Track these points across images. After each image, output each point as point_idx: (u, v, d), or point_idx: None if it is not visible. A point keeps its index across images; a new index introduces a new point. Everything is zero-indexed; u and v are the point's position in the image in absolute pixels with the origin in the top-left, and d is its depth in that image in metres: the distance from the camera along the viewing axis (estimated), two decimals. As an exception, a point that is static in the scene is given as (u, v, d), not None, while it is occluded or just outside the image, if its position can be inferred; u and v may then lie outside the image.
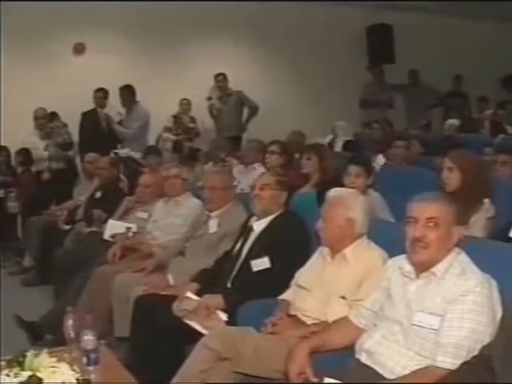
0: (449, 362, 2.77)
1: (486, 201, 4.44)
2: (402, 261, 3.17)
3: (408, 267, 3.10)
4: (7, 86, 9.46)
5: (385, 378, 2.96)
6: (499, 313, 2.83)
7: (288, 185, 4.62)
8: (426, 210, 3.00)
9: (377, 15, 12.25)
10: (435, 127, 11.59)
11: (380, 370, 2.99)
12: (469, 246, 3.13)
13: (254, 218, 4.50)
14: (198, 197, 5.54)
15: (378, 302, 3.22)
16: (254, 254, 4.26)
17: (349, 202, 3.73)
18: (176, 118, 10.13)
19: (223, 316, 4.04)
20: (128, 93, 9.58)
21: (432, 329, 2.88)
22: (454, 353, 2.77)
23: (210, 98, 10.55)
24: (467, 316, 2.81)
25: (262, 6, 11.08)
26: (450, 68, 12.82)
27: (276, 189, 4.47)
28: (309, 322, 3.59)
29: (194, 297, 4.23)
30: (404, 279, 3.11)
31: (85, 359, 2.93)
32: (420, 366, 2.87)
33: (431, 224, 2.98)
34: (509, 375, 2.52)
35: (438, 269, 2.98)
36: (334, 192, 3.88)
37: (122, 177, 7.39)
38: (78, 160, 9.12)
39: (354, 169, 5.05)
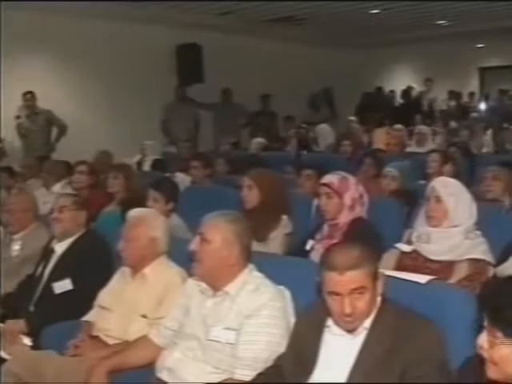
0: (247, 374, 2.89)
1: (284, 217, 4.61)
2: None
3: (204, 284, 3.19)
4: None
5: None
6: (292, 322, 2.99)
7: (93, 205, 4.61)
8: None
9: (189, 34, 12.37)
10: (245, 146, 11.85)
11: (181, 387, 3.05)
12: (266, 263, 3.28)
13: (56, 239, 4.47)
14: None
15: (176, 320, 3.29)
16: (56, 276, 4.22)
17: (150, 222, 3.79)
18: (-19, 137, 9.83)
19: (27, 340, 3.97)
20: None
21: (228, 343, 2.99)
22: (252, 365, 2.89)
23: (18, 117, 10.26)
24: (263, 330, 2.94)
25: (70, 22, 10.94)
26: (263, 87, 13.30)
27: (74, 209, 4.45)
28: (111, 342, 3.61)
29: (-4, 324, 4.14)
30: (202, 296, 3.21)
31: None
32: (219, 380, 2.96)
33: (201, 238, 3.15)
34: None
35: (232, 287, 3.10)
36: (135, 212, 3.89)
37: None
38: None
39: (152, 194, 5.05)
